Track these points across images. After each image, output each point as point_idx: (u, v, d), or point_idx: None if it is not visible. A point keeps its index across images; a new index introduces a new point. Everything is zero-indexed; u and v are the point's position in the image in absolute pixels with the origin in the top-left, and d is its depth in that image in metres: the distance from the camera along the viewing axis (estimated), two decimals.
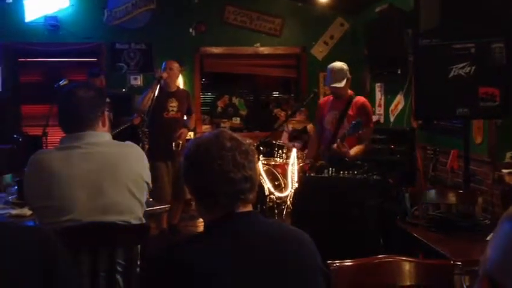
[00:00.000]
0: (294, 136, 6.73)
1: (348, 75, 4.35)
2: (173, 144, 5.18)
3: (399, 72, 5.79)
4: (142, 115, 5.21)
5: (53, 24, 7.14)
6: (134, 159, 2.33)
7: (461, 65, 3.39)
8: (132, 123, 5.51)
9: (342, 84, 4.28)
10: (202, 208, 1.58)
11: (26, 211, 2.90)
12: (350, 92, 4.44)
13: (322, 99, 4.70)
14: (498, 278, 0.98)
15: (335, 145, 4.08)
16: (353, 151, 4.16)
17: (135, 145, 2.42)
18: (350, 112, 4.29)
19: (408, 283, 1.93)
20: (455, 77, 3.41)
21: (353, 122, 4.00)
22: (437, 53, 3.49)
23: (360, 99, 4.40)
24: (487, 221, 3.00)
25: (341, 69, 4.31)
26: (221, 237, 1.48)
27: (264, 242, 1.49)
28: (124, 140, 2.43)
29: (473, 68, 3.37)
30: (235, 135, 1.58)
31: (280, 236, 1.55)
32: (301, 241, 1.57)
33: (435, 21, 3.54)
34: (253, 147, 1.61)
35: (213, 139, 1.55)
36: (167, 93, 5.28)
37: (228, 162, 1.50)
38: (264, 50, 7.83)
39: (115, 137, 2.46)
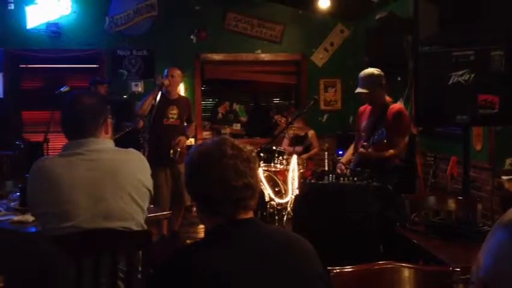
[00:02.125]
0: (296, 141, 6.75)
1: (381, 81, 4.25)
2: (171, 151, 5.19)
3: (399, 78, 5.81)
4: (144, 119, 5.25)
5: (54, 30, 7.18)
6: (136, 166, 2.34)
7: (460, 72, 3.40)
8: (135, 127, 5.54)
9: (364, 90, 4.22)
10: (204, 215, 1.59)
11: (29, 217, 2.91)
12: (387, 99, 4.36)
13: (362, 107, 4.59)
14: (491, 285, 0.99)
15: (361, 149, 4.10)
16: (378, 154, 4.12)
17: (137, 152, 2.44)
18: (385, 120, 4.21)
19: None
20: (454, 84, 3.42)
21: (379, 132, 3.96)
22: (437, 60, 3.50)
23: (395, 106, 4.30)
24: (486, 227, 3.00)
25: (368, 76, 4.26)
26: (222, 244, 1.49)
27: (265, 248, 1.50)
28: (125, 146, 2.45)
29: (473, 75, 3.38)
30: (237, 142, 1.59)
31: (281, 242, 1.56)
32: (302, 247, 1.58)
33: (435, 29, 3.55)
34: (255, 155, 1.62)
35: (215, 147, 1.56)
36: (168, 100, 5.31)
37: (229, 170, 1.51)
38: (265, 56, 7.87)
39: (117, 142, 2.47)
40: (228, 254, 1.46)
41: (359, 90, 4.28)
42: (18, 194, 3.41)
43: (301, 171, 6.23)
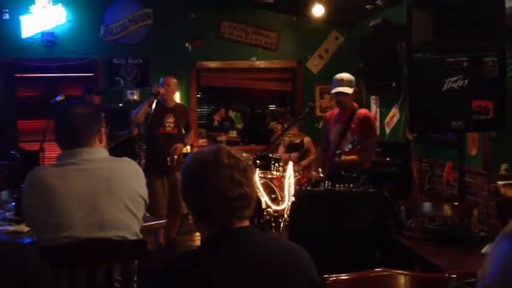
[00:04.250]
0: (292, 148, 6.76)
1: (355, 86, 4.40)
2: (168, 159, 5.18)
3: (394, 85, 5.83)
4: (139, 127, 5.24)
5: (49, 40, 7.18)
6: (131, 175, 2.34)
7: (454, 79, 3.42)
8: (131, 135, 5.54)
9: (348, 90, 4.30)
10: (199, 223, 1.59)
11: (24, 227, 2.90)
12: (354, 104, 4.48)
13: (329, 112, 4.74)
14: None
15: (337, 158, 4.14)
16: (347, 158, 4.20)
17: (132, 161, 2.43)
18: (353, 125, 4.32)
19: None
20: (448, 90, 3.44)
21: (351, 140, 4.05)
22: (430, 66, 3.53)
23: (362, 111, 4.43)
24: (482, 233, 3.01)
25: (348, 79, 4.37)
26: (218, 253, 1.49)
27: (260, 257, 1.50)
28: (121, 155, 2.44)
29: (466, 81, 3.41)
30: (234, 151, 1.59)
31: (277, 250, 1.56)
32: (298, 255, 1.58)
33: (428, 36, 3.58)
34: (251, 163, 1.62)
35: (211, 155, 1.55)
36: (165, 108, 5.30)
37: (225, 179, 1.51)
38: (260, 63, 7.89)
39: (112, 150, 2.47)
40: (223, 263, 1.46)
41: (342, 89, 4.31)
42: (13, 204, 3.40)
43: (297, 178, 6.24)
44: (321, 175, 4.20)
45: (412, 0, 3.80)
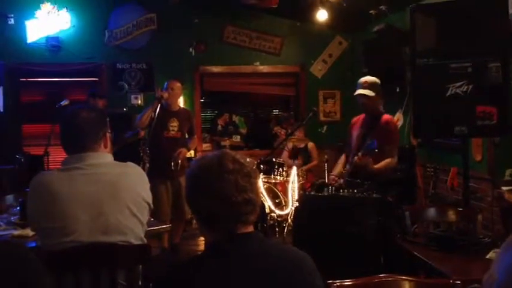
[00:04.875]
0: (295, 153, 6.75)
1: (381, 90, 4.28)
2: (172, 163, 5.19)
3: (398, 90, 5.83)
4: (145, 130, 5.27)
5: (54, 44, 7.21)
6: (135, 180, 2.35)
7: (458, 84, 3.42)
8: (137, 137, 5.56)
9: (369, 93, 4.20)
10: (203, 228, 1.59)
11: (29, 232, 2.91)
12: (381, 110, 4.36)
13: (355, 118, 4.58)
14: None
15: (356, 158, 4.07)
16: (377, 165, 4.09)
17: (136, 166, 2.44)
18: (377, 128, 4.21)
19: None
20: (452, 95, 3.44)
21: (368, 142, 3.96)
22: (434, 72, 3.53)
23: (385, 117, 4.31)
24: (486, 238, 3.00)
25: (373, 81, 4.27)
26: (221, 258, 1.49)
27: (264, 262, 1.50)
28: (125, 159, 2.45)
29: (470, 86, 3.40)
30: (238, 156, 1.59)
31: (280, 256, 1.56)
32: (302, 262, 1.58)
33: (432, 41, 3.58)
34: (255, 168, 1.62)
35: (216, 161, 1.56)
36: (169, 112, 5.31)
37: (229, 185, 1.51)
38: (264, 68, 7.90)
39: (116, 154, 2.48)
40: (227, 269, 1.46)
41: (363, 91, 4.22)
42: (18, 208, 3.41)
43: (301, 182, 6.24)
44: (341, 181, 4.17)
45: (416, 6, 3.80)
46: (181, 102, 6.80)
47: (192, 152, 6.41)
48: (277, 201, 6.03)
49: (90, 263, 2.16)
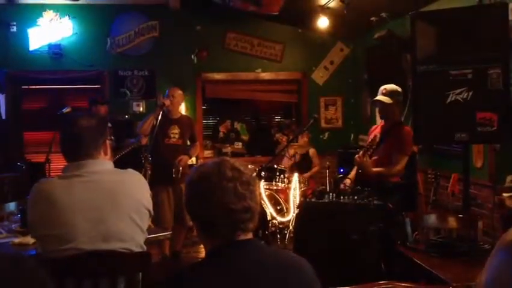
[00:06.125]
0: (297, 164, 6.76)
1: (401, 99, 4.28)
2: (173, 170, 5.20)
3: None
4: (147, 138, 5.29)
5: (56, 52, 7.25)
6: (136, 187, 2.35)
7: (458, 91, 3.43)
8: (140, 144, 5.58)
9: (385, 99, 4.20)
10: (203, 236, 1.60)
11: (29, 239, 2.91)
12: (398, 119, 4.37)
13: (374, 126, 4.59)
14: None
15: (356, 156, 4.08)
16: (375, 169, 4.12)
17: (136, 172, 2.45)
18: (392, 134, 4.22)
19: None
20: (452, 102, 3.44)
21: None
22: (435, 78, 3.53)
23: (406, 128, 4.28)
24: (487, 245, 2.99)
25: (393, 89, 4.27)
26: (220, 265, 1.50)
27: (263, 270, 1.51)
28: (126, 166, 2.46)
29: (471, 93, 3.41)
30: (237, 164, 1.59)
31: (280, 263, 1.56)
32: (301, 268, 1.58)
33: (432, 48, 3.59)
34: (255, 176, 1.63)
35: (215, 168, 1.56)
36: (170, 119, 5.33)
37: (228, 193, 1.51)
38: (265, 75, 7.92)
39: (118, 161, 2.48)
40: (226, 276, 1.46)
41: (380, 98, 4.24)
42: (19, 216, 3.42)
43: (302, 189, 6.23)
44: (348, 186, 4.19)
45: (416, 13, 3.81)
46: (183, 109, 6.83)
47: (194, 159, 6.42)
48: (278, 208, 6.03)
49: (90, 270, 2.16)
